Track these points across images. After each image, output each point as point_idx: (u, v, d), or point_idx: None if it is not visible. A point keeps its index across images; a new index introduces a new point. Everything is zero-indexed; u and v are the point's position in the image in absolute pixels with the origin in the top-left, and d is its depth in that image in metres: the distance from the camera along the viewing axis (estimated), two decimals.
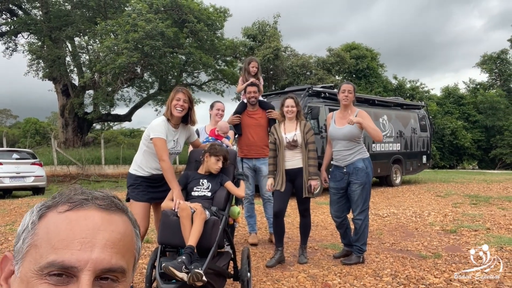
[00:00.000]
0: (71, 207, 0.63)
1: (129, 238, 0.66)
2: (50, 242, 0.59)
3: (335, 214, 4.17)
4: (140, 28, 15.83)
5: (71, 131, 21.77)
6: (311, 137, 4.00)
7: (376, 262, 3.97)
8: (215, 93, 23.03)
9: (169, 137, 3.20)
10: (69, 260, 0.58)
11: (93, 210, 0.63)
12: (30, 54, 20.35)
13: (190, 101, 3.21)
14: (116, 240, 0.62)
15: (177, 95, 3.16)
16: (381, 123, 11.56)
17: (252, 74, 5.14)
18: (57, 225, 0.61)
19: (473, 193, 9.72)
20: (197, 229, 2.57)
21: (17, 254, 0.62)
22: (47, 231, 0.61)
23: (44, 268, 0.57)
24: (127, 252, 0.64)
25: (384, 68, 29.40)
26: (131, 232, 0.67)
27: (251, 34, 22.52)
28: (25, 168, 10.57)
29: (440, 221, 6.05)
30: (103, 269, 0.59)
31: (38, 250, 0.60)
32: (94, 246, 0.59)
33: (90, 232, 0.60)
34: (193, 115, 3.28)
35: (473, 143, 27.65)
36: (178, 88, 3.23)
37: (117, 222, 0.65)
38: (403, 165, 12.36)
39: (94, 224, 0.61)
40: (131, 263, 0.66)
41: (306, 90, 9.82)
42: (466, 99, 29.54)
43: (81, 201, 0.63)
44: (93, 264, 0.58)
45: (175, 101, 3.14)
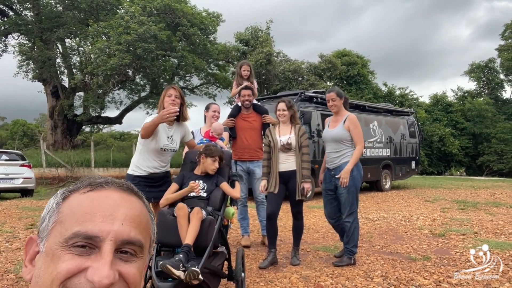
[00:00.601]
0: (93, 188, 0.67)
1: (145, 218, 0.70)
2: (74, 217, 0.63)
3: (328, 215, 4.25)
4: (133, 30, 15.80)
5: (60, 133, 21.54)
6: (305, 141, 4.06)
7: (367, 264, 4.04)
8: (207, 97, 23.08)
9: (162, 133, 3.24)
10: (92, 230, 0.61)
11: (113, 191, 0.68)
12: (20, 55, 20.12)
13: (181, 97, 3.29)
14: (134, 216, 0.67)
15: (169, 91, 3.24)
16: (372, 128, 11.72)
17: (245, 77, 5.17)
18: (80, 203, 0.65)
19: (461, 198, 9.89)
20: (194, 228, 2.60)
21: (42, 233, 0.66)
22: (71, 208, 0.65)
23: (69, 239, 0.61)
24: (144, 230, 0.68)
25: (374, 75, 29.79)
26: (147, 214, 0.71)
27: (244, 39, 22.64)
28: (14, 170, 10.44)
29: (429, 225, 6.16)
30: (123, 240, 0.63)
31: (63, 225, 0.64)
32: (115, 219, 0.64)
33: (110, 207, 0.65)
34: (184, 111, 3.34)
35: (461, 150, 28.09)
36: (169, 85, 3.33)
37: (135, 202, 0.69)
38: (393, 170, 12.52)
39: (114, 201, 0.66)
40: (147, 241, 0.69)
41: (299, 95, 9.93)
42: (454, 106, 30.05)
43: (102, 183, 0.68)
44: (114, 234, 0.62)
45: (167, 97, 3.22)
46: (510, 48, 29.95)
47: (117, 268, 0.61)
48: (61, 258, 0.60)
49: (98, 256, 0.61)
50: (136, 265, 0.65)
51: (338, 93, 4.12)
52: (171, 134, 3.31)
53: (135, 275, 0.63)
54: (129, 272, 0.63)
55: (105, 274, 0.59)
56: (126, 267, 0.63)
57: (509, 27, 30.69)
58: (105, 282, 0.58)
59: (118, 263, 0.62)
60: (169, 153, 3.34)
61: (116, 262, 0.62)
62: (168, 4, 17.74)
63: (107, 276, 0.59)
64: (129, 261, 0.64)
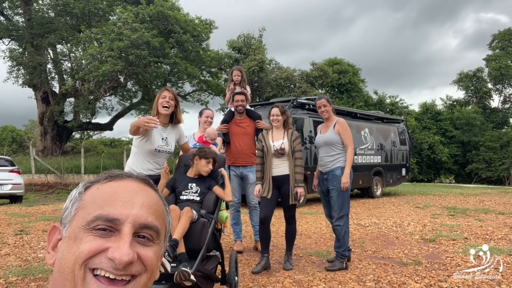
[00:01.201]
0: (112, 179, 0.73)
1: (161, 207, 0.74)
2: (95, 202, 0.68)
3: (328, 216, 4.39)
4: (126, 37, 15.80)
5: (50, 139, 21.32)
6: (298, 146, 4.10)
7: (359, 269, 4.06)
8: (199, 104, 23.09)
9: (157, 134, 3.24)
10: (113, 213, 0.66)
11: (131, 181, 0.73)
12: (10, 61, 19.97)
13: (175, 99, 3.30)
14: (151, 203, 0.71)
15: (163, 93, 3.25)
16: (363, 135, 11.82)
17: (236, 82, 5.19)
18: (101, 190, 0.71)
19: (450, 205, 10.00)
20: (182, 225, 2.60)
21: (64, 220, 0.70)
22: (92, 196, 0.70)
23: (91, 222, 0.66)
24: (160, 217, 0.73)
25: (365, 84, 30.10)
26: (162, 205, 0.76)
27: (236, 46, 22.75)
28: (2, 176, 10.29)
29: (419, 230, 6.21)
30: (141, 224, 0.67)
31: (85, 210, 0.68)
32: (134, 205, 0.68)
33: (129, 194, 0.70)
34: (178, 113, 3.35)
35: (450, 158, 28.40)
36: (163, 88, 3.34)
37: (151, 192, 0.74)
38: (384, 177, 12.62)
39: (133, 189, 0.71)
40: (163, 229, 0.73)
41: (291, 101, 9.99)
42: (443, 115, 30.43)
43: (121, 174, 0.74)
44: (133, 218, 0.67)
45: (161, 99, 3.23)
46: (498, 58, 30.53)
47: (135, 250, 0.65)
48: (83, 239, 0.64)
49: (118, 237, 0.65)
50: (153, 249, 0.68)
51: (328, 100, 4.30)
52: (165, 136, 3.32)
53: (152, 259, 0.67)
54: (147, 255, 0.66)
55: (125, 251, 0.63)
56: (144, 250, 0.67)
57: (496, 37, 31.34)
58: (125, 259, 0.62)
59: (136, 246, 0.66)
60: (164, 155, 3.34)
61: (135, 245, 0.66)
62: (161, 11, 17.79)
63: (127, 253, 0.63)
64: (147, 245, 0.68)
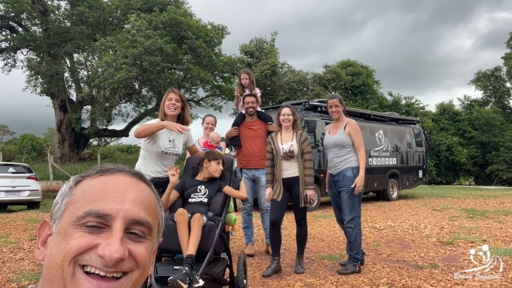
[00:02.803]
0: (104, 173, 0.71)
1: (154, 202, 0.72)
2: (85, 197, 0.66)
3: (338, 220, 4.28)
4: (139, 44, 16.02)
5: (67, 146, 21.73)
6: (307, 147, 4.04)
7: (373, 272, 3.96)
8: (212, 109, 23.19)
9: (164, 136, 3.25)
10: (104, 208, 0.64)
11: (123, 175, 0.71)
12: (28, 70, 20.47)
13: (182, 100, 3.29)
14: (143, 198, 0.69)
15: (169, 95, 3.25)
16: (377, 137, 11.65)
17: (245, 85, 5.13)
18: (92, 185, 0.68)
19: (469, 207, 9.73)
20: (195, 236, 2.57)
21: (54, 215, 0.69)
22: (83, 190, 0.68)
23: (81, 218, 0.64)
24: (152, 213, 0.71)
25: (379, 85, 29.77)
26: (155, 199, 0.74)
27: (249, 50, 22.84)
28: (20, 182, 10.49)
29: (436, 233, 6.05)
30: (133, 220, 0.66)
31: (75, 205, 0.66)
32: (125, 200, 0.67)
33: (120, 189, 0.68)
34: (186, 114, 3.35)
35: (469, 159, 27.78)
36: (169, 89, 3.33)
37: (143, 186, 0.72)
38: (400, 179, 12.39)
39: (124, 184, 0.69)
40: (156, 225, 0.72)
41: (303, 104, 9.92)
42: (461, 115, 29.83)
43: (112, 168, 0.72)
44: (124, 213, 0.65)
45: (167, 101, 3.23)
46: None
47: (127, 246, 0.64)
48: (72, 235, 0.63)
49: (109, 233, 0.63)
50: (145, 245, 0.67)
51: (341, 100, 4.20)
52: (172, 138, 3.31)
53: (144, 255, 0.66)
54: (138, 252, 0.65)
55: (115, 248, 0.61)
56: (135, 247, 0.65)
57: None
58: (115, 256, 0.61)
59: (127, 242, 0.64)
60: (172, 157, 3.34)
61: (126, 241, 0.64)
62: (174, 17, 18.00)
63: (117, 250, 0.61)
64: (138, 242, 0.66)
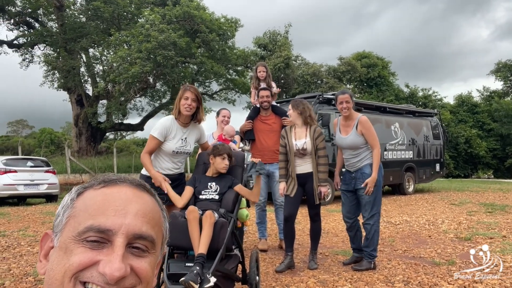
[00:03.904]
0: (106, 185, 0.69)
1: (157, 214, 0.71)
2: (87, 211, 0.65)
3: (346, 215, 4.15)
4: (153, 38, 16.09)
5: (84, 140, 22.09)
6: (321, 143, 3.96)
7: (388, 269, 3.90)
8: (226, 102, 23.21)
9: (176, 135, 3.21)
10: (105, 223, 0.62)
11: (126, 187, 0.69)
12: (46, 65, 20.83)
13: (198, 100, 3.21)
14: (146, 211, 0.67)
15: (185, 94, 3.17)
16: (393, 130, 11.45)
17: (261, 78, 5.08)
18: (93, 198, 0.67)
19: (488, 201, 9.51)
20: (207, 235, 2.54)
21: (56, 228, 0.67)
22: (84, 203, 0.66)
23: (82, 233, 0.62)
24: (156, 225, 0.69)
25: (395, 77, 29.24)
26: (159, 211, 0.72)
27: (262, 43, 22.69)
28: (39, 176, 10.72)
29: (454, 228, 5.92)
30: (135, 235, 0.64)
31: (76, 219, 0.65)
32: (127, 214, 0.65)
33: (123, 202, 0.66)
34: (200, 113, 3.28)
35: (488, 152, 27.15)
36: (186, 86, 3.23)
37: (147, 198, 0.70)
38: (416, 173, 12.18)
39: (127, 196, 0.67)
40: (159, 237, 0.70)
41: (317, 97, 9.81)
42: (480, 107, 29.13)
43: (115, 180, 0.70)
44: (126, 228, 0.63)
45: (183, 101, 3.16)
46: None
47: (129, 262, 0.62)
48: (73, 251, 0.61)
49: (110, 249, 0.62)
50: (148, 260, 0.65)
51: (351, 96, 4.06)
52: (185, 136, 3.28)
53: (147, 270, 0.64)
54: (141, 267, 0.63)
55: (116, 266, 0.60)
56: (137, 262, 0.63)
57: None
58: (116, 275, 0.59)
59: (130, 257, 0.63)
60: (183, 155, 3.32)
61: (128, 256, 0.63)
62: (187, 11, 17.98)
63: (118, 268, 0.60)
64: (141, 256, 0.65)
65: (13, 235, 5.86)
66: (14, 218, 7.75)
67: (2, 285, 3.49)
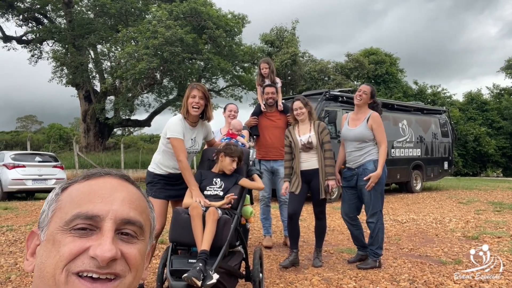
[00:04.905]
0: (90, 177, 0.69)
1: (143, 203, 0.71)
2: (73, 201, 0.65)
3: (344, 213, 4.11)
4: (160, 34, 16.10)
5: (92, 136, 22.26)
6: (326, 137, 3.94)
7: (394, 267, 3.86)
8: (233, 99, 23.18)
9: (186, 136, 3.16)
10: (92, 210, 0.62)
11: (110, 178, 0.70)
12: (54, 61, 20.99)
13: (205, 97, 3.13)
14: (132, 199, 0.68)
15: (192, 92, 3.09)
16: (401, 127, 11.35)
17: (265, 75, 5.04)
18: (79, 190, 0.67)
19: (497, 200, 9.40)
20: (210, 231, 2.54)
21: (41, 223, 0.67)
22: (70, 195, 0.67)
23: (69, 221, 0.62)
24: (143, 213, 0.69)
25: (403, 73, 28.97)
26: (145, 200, 0.72)
27: (269, 40, 22.60)
28: (47, 171, 10.82)
29: (461, 227, 5.86)
30: (123, 219, 0.64)
31: (62, 210, 0.65)
32: (114, 200, 0.65)
33: (109, 190, 0.66)
34: (209, 111, 3.21)
35: (497, 150, 26.82)
36: (193, 84, 3.15)
37: (132, 188, 0.71)
38: (424, 171, 12.07)
39: (112, 185, 0.68)
40: (147, 225, 0.70)
41: (324, 94, 9.74)
42: (490, 105, 28.75)
43: (99, 172, 0.71)
44: (114, 213, 0.63)
45: (190, 99, 3.08)
46: None
47: (119, 247, 0.62)
48: (61, 242, 0.60)
49: (99, 235, 0.62)
50: (138, 247, 0.65)
51: (373, 91, 4.02)
52: (194, 136, 3.24)
53: (136, 256, 0.64)
54: (130, 253, 0.63)
55: (107, 247, 0.59)
56: (127, 248, 0.63)
57: None
58: (108, 255, 0.59)
59: (119, 243, 0.63)
60: (191, 154, 3.31)
61: (117, 242, 0.63)
62: (194, 7, 17.96)
63: (109, 249, 0.59)
64: (130, 242, 0.65)
65: (21, 229, 5.92)
66: (22, 212, 7.84)
67: (8, 279, 3.52)
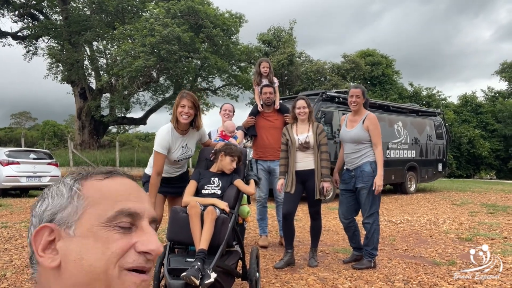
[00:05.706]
0: (108, 176, 0.71)
1: None
2: (110, 198, 0.66)
3: (342, 215, 4.14)
4: (157, 32, 16.04)
5: (87, 133, 22.13)
6: (324, 139, 3.97)
7: (388, 268, 3.90)
8: (229, 98, 23.14)
9: (176, 144, 3.16)
10: (134, 207, 0.67)
11: (124, 178, 0.73)
12: (49, 58, 20.81)
13: (195, 107, 3.08)
14: (147, 198, 0.74)
15: (182, 102, 3.04)
16: (396, 129, 11.42)
17: (264, 74, 5.06)
18: (108, 187, 0.68)
19: (490, 202, 9.49)
20: (208, 230, 2.55)
21: (66, 219, 0.64)
22: (100, 192, 0.67)
23: (113, 218, 0.64)
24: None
25: (399, 75, 29.12)
26: None
27: (266, 39, 22.61)
28: (41, 168, 10.76)
29: (455, 229, 5.92)
30: (152, 218, 0.70)
31: (98, 206, 0.65)
32: (143, 200, 0.70)
33: (136, 190, 0.71)
34: (198, 120, 3.16)
35: (491, 153, 27.06)
36: (183, 93, 3.09)
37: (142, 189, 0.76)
38: (418, 172, 12.16)
39: (132, 185, 0.72)
40: None
41: (320, 94, 9.78)
42: (484, 107, 28.99)
43: (112, 171, 0.73)
44: (148, 212, 0.69)
45: (180, 108, 3.04)
46: None
47: None
48: (109, 238, 0.62)
49: (139, 231, 0.66)
50: None
51: (364, 91, 4.05)
52: (185, 143, 3.23)
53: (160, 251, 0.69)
54: None
55: (158, 242, 0.66)
56: None
57: None
58: (161, 249, 0.66)
59: None
60: (184, 160, 3.33)
61: None
62: (192, 6, 17.91)
63: (160, 244, 0.66)
64: None
65: (15, 226, 5.89)
66: (17, 209, 7.79)
67: (3, 276, 3.51)
